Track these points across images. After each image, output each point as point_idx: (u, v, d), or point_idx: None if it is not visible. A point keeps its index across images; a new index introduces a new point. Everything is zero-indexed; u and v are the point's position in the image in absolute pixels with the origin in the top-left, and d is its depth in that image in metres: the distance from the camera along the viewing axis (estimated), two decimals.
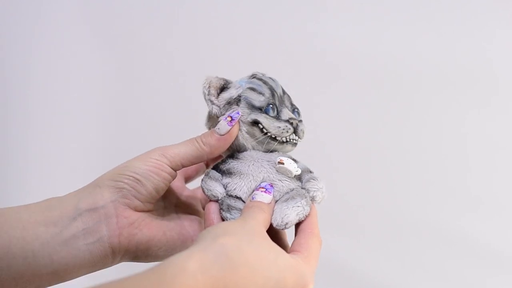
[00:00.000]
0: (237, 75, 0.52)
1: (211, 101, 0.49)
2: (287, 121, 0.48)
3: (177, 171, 0.48)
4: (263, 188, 0.45)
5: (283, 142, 0.48)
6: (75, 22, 0.92)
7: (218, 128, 0.47)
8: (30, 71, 0.92)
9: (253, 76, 0.50)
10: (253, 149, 0.48)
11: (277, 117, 0.48)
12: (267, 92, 0.48)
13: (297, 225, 0.45)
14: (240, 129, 0.48)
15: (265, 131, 0.47)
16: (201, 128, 0.52)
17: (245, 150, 0.49)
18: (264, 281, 0.36)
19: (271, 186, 0.45)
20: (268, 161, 0.47)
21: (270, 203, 0.44)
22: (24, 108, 0.92)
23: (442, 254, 0.84)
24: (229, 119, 0.47)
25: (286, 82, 0.53)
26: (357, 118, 0.87)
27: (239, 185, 0.46)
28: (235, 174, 0.47)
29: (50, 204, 0.44)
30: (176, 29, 0.90)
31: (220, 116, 0.48)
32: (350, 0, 0.86)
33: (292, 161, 0.47)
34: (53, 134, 0.92)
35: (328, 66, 0.86)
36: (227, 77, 0.50)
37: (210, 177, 0.47)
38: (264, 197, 0.44)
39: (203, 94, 0.48)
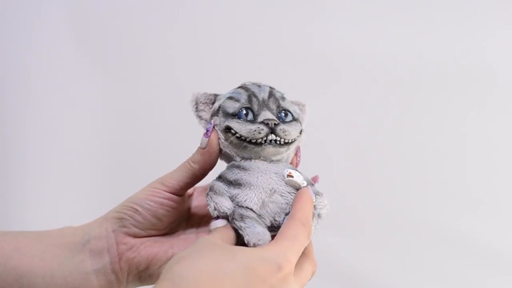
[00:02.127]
0: (237, 76, 0.52)
1: (200, 117, 0.50)
2: (262, 122, 0.47)
3: (184, 195, 0.50)
4: (214, 217, 0.46)
5: (260, 143, 0.47)
6: (72, 25, 0.92)
7: (200, 143, 0.49)
8: (27, 75, 0.92)
9: (240, 86, 0.51)
10: (237, 156, 0.48)
11: (253, 121, 0.48)
12: (244, 98, 0.49)
13: None
14: (219, 138, 0.48)
15: (238, 135, 0.47)
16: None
17: (232, 159, 0.49)
18: (230, 283, 0.36)
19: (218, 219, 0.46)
20: (276, 172, 0.47)
21: (226, 225, 0.45)
22: (21, 112, 0.92)
23: (442, 254, 0.84)
24: (204, 131, 0.49)
25: (285, 82, 0.53)
26: (357, 118, 0.87)
27: (250, 197, 0.46)
28: (244, 186, 0.46)
29: (66, 231, 0.50)
30: (175, 29, 0.90)
31: None
32: (350, 0, 0.86)
33: (299, 173, 0.47)
34: (50, 138, 0.92)
35: (328, 66, 0.86)
36: (227, 79, 0.51)
37: (215, 192, 0.47)
38: (216, 224, 0.45)
39: (192, 111, 0.50)
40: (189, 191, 0.53)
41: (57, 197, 0.91)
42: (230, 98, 0.49)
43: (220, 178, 0.48)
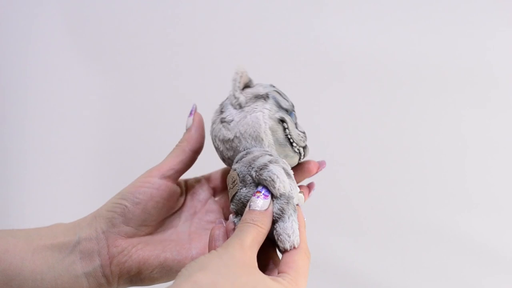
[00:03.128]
0: None
1: (238, 90, 0.48)
2: (304, 132, 0.48)
3: (176, 180, 0.50)
4: (259, 192, 0.42)
5: (295, 152, 0.47)
6: (73, 25, 0.92)
7: (186, 126, 0.50)
8: (26, 74, 0.92)
9: (273, 86, 0.50)
10: (267, 146, 0.46)
11: (296, 126, 0.48)
12: (290, 100, 0.49)
13: None
14: (265, 122, 0.46)
15: (287, 132, 0.46)
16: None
17: (261, 142, 0.46)
18: None
19: (263, 188, 0.42)
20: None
21: (267, 209, 0.41)
22: (20, 112, 0.92)
23: (441, 254, 0.84)
24: (189, 113, 0.50)
25: (286, 81, 0.53)
26: (356, 118, 0.87)
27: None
28: (292, 179, 0.44)
29: (56, 230, 0.48)
30: (176, 28, 0.90)
31: (245, 106, 0.47)
32: (351, 0, 0.86)
33: None
34: (50, 138, 0.92)
35: (328, 65, 0.86)
36: (228, 78, 0.50)
37: (281, 170, 0.42)
38: (258, 203, 0.41)
39: (234, 81, 0.47)
40: (190, 182, 0.52)
41: (57, 196, 0.91)
42: (278, 93, 0.48)
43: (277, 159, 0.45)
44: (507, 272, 0.83)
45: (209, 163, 0.53)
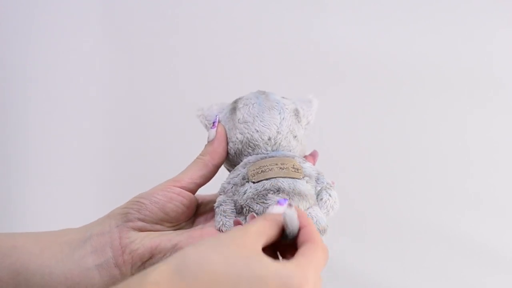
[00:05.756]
0: (239, 75, 0.52)
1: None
2: None
3: (195, 191, 0.50)
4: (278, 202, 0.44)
5: None
6: (76, 22, 0.92)
7: (208, 138, 0.50)
8: (29, 71, 0.92)
9: None
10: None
11: None
12: None
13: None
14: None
15: None
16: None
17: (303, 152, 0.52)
18: (233, 287, 0.35)
19: (285, 200, 0.43)
20: None
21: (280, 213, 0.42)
22: (24, 108, 0.92)
23: (442, 254, 0.85)
24: (210, 125, 0.51)
25: (286, 82, 0.53)
26: (357, 119, 0.87)
27: None
28: None
29: (66, 231, 0.49)
30: (180, 31, 0.90)
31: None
32: (351, 0, 0.86)
33: None
34: (54, 135, 0.92)
35: (328, 67, 0.86)
36: (230, 79, 0.51)
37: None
38: (275, 208, 0.42)
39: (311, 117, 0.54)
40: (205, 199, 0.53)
41: (59, 198, 0.91)
42: None
43: None
44: (507, 272, 0.84)
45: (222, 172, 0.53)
